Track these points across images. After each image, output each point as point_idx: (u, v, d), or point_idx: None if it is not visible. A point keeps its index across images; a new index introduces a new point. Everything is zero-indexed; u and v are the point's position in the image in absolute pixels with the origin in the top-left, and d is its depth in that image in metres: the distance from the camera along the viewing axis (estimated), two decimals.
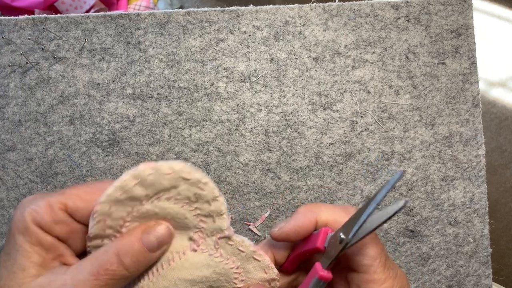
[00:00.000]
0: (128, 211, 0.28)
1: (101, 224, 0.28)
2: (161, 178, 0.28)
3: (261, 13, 0.39)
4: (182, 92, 0.38)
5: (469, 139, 0.39)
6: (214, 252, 0.29)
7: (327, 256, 0.27)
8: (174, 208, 0.29)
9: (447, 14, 0.39)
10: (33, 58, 0.38)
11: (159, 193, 0.28)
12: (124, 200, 0.28)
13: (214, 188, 0.29)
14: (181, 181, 0.28)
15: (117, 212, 0.28)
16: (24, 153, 0.37)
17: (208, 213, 0.29)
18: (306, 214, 0.29)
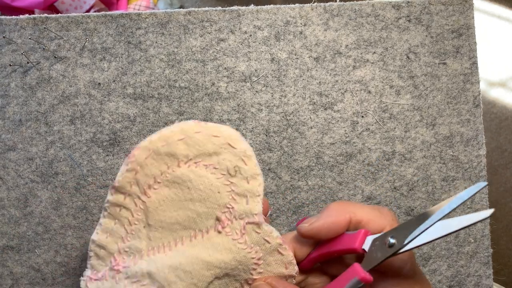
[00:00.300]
0: (163, 170, 0.27)
1: (131, 174, 0.27)
2: (207, 140, 0.27)
3: (262, 13, 0.39)
4: (183, 92, 0.38)
5: (470, 139, 0.39)
6: (238, 237, 0.28)
7: (368, 259, 0.25)
8: (210, 178, 0.27)
9: (448, 14, 0.39)
10: (34, 57, 0.38)
11: (200, 157, 0.27)
12: (163, 155, 0.27)
13: (256, 165, 0.27)
14: (225, 149, 0.27)
15: (151, 167, 0.27)
16: (25, 152, 0.37)
17: (244, 192, 0.28)
18: (340, 211, 0.27)
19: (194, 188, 0.28)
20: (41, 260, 0.37)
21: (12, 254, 0.37)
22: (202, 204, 0.28)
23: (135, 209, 0.29)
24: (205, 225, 0.28)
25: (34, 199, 0.37)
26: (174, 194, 0.28)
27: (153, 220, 0.28)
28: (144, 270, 0.28)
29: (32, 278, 0.37)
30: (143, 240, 0.29)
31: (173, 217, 0.28)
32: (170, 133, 0.27)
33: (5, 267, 0.37)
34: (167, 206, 0.28)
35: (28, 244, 0.37)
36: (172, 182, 0.28)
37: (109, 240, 0.29)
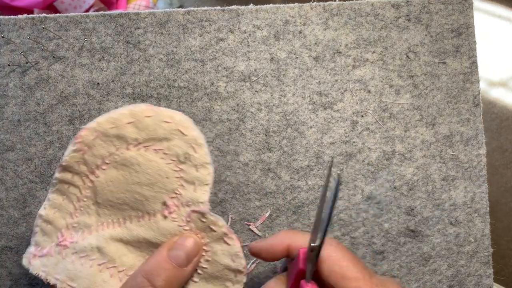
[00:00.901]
0: (111, 151, 0.27)
1: (79, 155, 0.27)
2: (158, 125, 0.26)
3: (261, 12, 0.39)
4: (182, 92, 0.38)
5: (470, 139, 0.39)
6: (184, 224, 0.28)
7: (308, 271, 0.27)
8: (159, 163, 0.27)
9: (447, 14, 0.39)
10: (33, 57, 0.38)
11: (149, 142, 0.27)
12: (112, 137, 0.27)
13: (207, 154, 0.27)
14: (176, 135, 0.27)
15: (99, 148, 0.27)
16: (24, 153, 0.37)
17: (192, 179, 0.28)
18: (281, 237, 0.29)
19: (143, 171, 0.27)
20: None
21: (11, 255, 0.37)
22: (150, 188, 0.28)
23: (83, 187, 0.28)
24: (152, 208, 0.28)
25: (33, 199, 0.37)
26: (122, 176, 0.28)
27: (101, 199, 0.28)
28: (94, 244, 0.28)
29: (31, 279, 0.37)
30: (92, 216, 0.29)
31: (121, 198, 0.28)
32: (119, 115, 0.26)
33: (4, 268, 0.37)
34: (115, 187, 0.28)
35: (27, 245, 0.37)
36: (121, 164, 0.27)
37: (57, 216, 0.29)
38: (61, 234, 0.29)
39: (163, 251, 0.27)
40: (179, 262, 0.26)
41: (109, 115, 0.26)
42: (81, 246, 0.28)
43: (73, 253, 0.28)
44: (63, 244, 0.28)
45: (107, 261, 0.28)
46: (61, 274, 0.28)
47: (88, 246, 0.28)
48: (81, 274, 0.28)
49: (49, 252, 0.29)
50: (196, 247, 0.27)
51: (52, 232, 0.29)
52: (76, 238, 0.29)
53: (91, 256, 0.28)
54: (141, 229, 0.28)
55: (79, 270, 0.28)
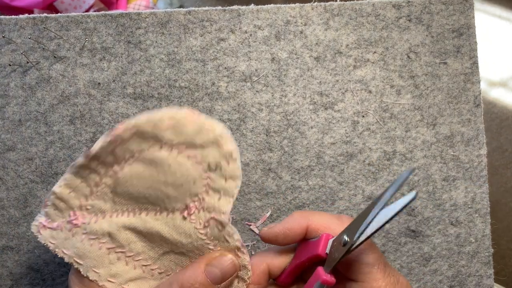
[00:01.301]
0: (143, 148, 0.27)
1: (110, 146, 0.27)
2: (196, 133, 0.27)
3: (262, 13, 0.39)
4: (183, 92, 0.38)
5: (470, 139, 0.39)
6: (201, 228, 0.28)
7: (329, 261, 0.26)
8: (188, 168, 0.27)
9: (448, 14, 0.39)
10: (34, 57, 0.38)
11: (184, 146, 0.27)
12: (148, 136, 0.27)
13: (239, 168, 0.28)
14: (213, 146, 0.27)
15: (132, 144, 0.27)
16: (25, 152, 0.37)
17: (219, 188, 0.28)
18: (297, 218, 0.28)
19: (171, 173, 0.27)
20: (40, 260, 0.37)
21: (12, 255, 0.37)
22: (174, 189, 0.28)
23: (104, 175, 0.28)
24: (172, 206, 0.29)
25: (34, 199, 0.37)
26: (148, 173, 0.28)
27: (121, 189, 0.28)
28: (105, 229, 0.28)
29: (32, 278, 0.37)
30: (108, 202, 0.29)
31: (142, 192, 0.28)
32: (160, 118, 0.26)
33: (4, 268, 0.37)
34: (138, 181, 0.28)
35: (27, 245, 0.37)
36: (150, 161, 0.27)
37: (71, 196, 0.29)
38: (74, 213, 0.29)
39: (201, 264, 0.27)
40: (214, 279, 0.27)
41: (151, 115, 0.27)
42: (92, 228, 0.29)
43: (83, 233, 0.29)
44: (74, 223, 0.29)
45: (116, 247, 0.29)
46: (69, 250, 0.29)
47: (100, 230, 0.29)
48: (89, 254, 0.28)
49: (60, 226, 0.29)
50: (233, 268, 0.28)
51: (65, 209, 0.29)
52: (88, 220, 0.29)
53: (101, 240, 0.29)
54: (156, 223, 0.29)
55: (88, 250, 0.28)
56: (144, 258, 0.29)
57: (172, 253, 0.29)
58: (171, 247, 0.29)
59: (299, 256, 0.29)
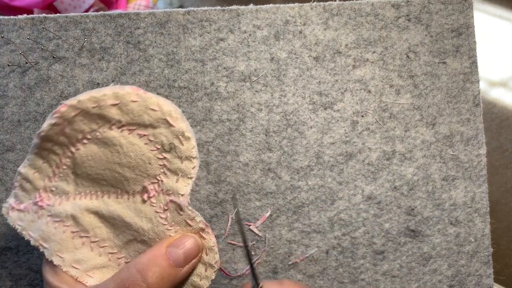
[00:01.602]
0: (93, 128, 0.26)
1: (58, 128, 0.26)
2: (144, 112, 0.26)
3: (261, 12, 0.39)
4: (182, 92, 0.38)
5: (470, 139, 0.39)
6: (161, 212, 0.28)
7: None
8: (142, 148, 0.27)
9: (447, 14, 0.39)
10: (32, 57, 0.38)
11: (134, 126, 0.26)
12: (94, 115, 0.26)
13: (194, 148, 0.27)
14: (163, 124, 0.26)
15: (80, 124, 0.26)
16: (24, 153, 0.37)
17: (176, 169, 0.27)
18: None
19: (124, 153, 0.27)
20: (40, 261, 0.37)
21: (11, 255, 0.37)
22: (130, 170, 0.27)
23: (63, 155, 0.28)
24: (131, 188, 0.28)
25: None
26: (103, 154, 0.27)
27: (80, 171, 0.28)
28: (69, 212, 0.28)
29: (31, 279, 0.37)
30: (70, 184, 0.29)
31: (100, 174, 0.28)
32: (102, 96, 0.26)
33: (4, 269, 0.37)
34: (94, 162, 0.27)
35: (27, 246, 0.37)
36: (102, 142, 0.27)
37: (36, 176, 0.28)
38: (39, 194, 0.29)
39: (161, 246, 0.26)
40: (176, 261, 0.26)
41: (91, 93, 0.26)
42: (56, 210, 0.28)
43: (48, 215, 0.28)
44: (40, 205, 0.29)
45: (80, 230, 0.28)
46: (35, 233, 0.28)
47: (64, 213, 0.28)
48: (54, 238, 0.28)
49: (27, 208, 0.29)
50: (196, 248, 0.27)
51: (31, 191, 0.29)
52: (52, 202, 0.29)
53: (66, 223, 0.28)
54: (118, 206, 0.28)
55: (52, 233, 0.28)
56: (110, 245, 0.29)
57: (135, 241, 0.29)
58: (133, 235, 0.28)
59: None
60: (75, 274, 0.28)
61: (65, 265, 0.28)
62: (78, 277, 0.28)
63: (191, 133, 0.27)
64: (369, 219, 0.38)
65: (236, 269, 0.37)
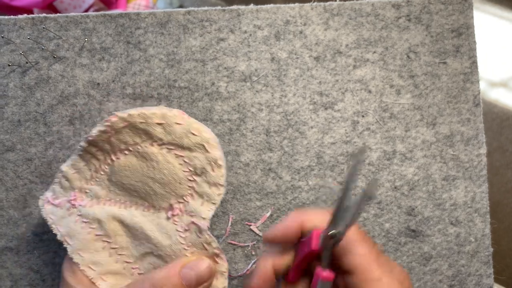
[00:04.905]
0: (136, 141, 0.29)
1: (105, 135, 0.28)
2: (185, 135, 0.28)
3: (262, 12, 0.39)
4: (182, 92, 0.38)
5: (470, 139, 0.39)
6: (181, 231, 0.29)
7: (324, 257, 0.26)
8: (176, 167, 0.28)
9: (448, 14, 0.39)
10: (33, 57, 0.38)
11: (173, 146, 0.28)
12: (140, 130, 0.28)
13: (223, 176, 0.29)
14: (200, 149, 0.28)
15: (126, 135, 0.29)
16: (24, 153, 0.37)
17: (202, 193, 0.29)
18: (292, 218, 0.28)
19: (159, 170, 0.29)
20: (40, 261, 0.37)
21: (11, 255, 0.37)
22: (161, 186, 0.29)
23: (103, 162, 0.30)
24: (159, 204, 0.30)
25: (33, 200, 0.37)
26: (139, 166, 0.29)
27: (116, 178, 0.30)
28: (96, 215, 0.30)
29: (31, 279, 0.37)
30: (104, 189, 0.30)
31: (133, 184, 0.30)
32: (151, 114, 0.28)
33: (4, 269, 0.37)
34: (130, 173, 0.29)
35: (27, 246, 0.37)
36: (142, 155, 0.29)
37: (75, 176, 0.31)
38: (74, 193, 0.31)
39: (177, 266, 0.27)
40: (188, 282, 0.27)
41: (142, 110, 0.28)
42: (86, 211, 0.30)
43: (78, 215, 0.30)
44: (72, 203, 0.31)
45: (103, 235, 0.30)
46: (63, 228, 0.30)
47: (92, 215, 0.30)
48: (78, 236, 0.30)
49: (61, 204, 0.31)
50: (209, 273, 0.28)
51: (68, 189, 0.31)
52: (84, 203, 0.31)
53: (92, 225, 0.30)
54: (143, 219, 0.30)
55: (78, 232, 0.30)
56: (127, 254, 0.30)
57: (152, 255, 0.30)
58: (151, 248, 0.30)
59: (298, 254, 0.29)
60: (90, 274, 0.29)
61: (83, 264, 0.29)
62: (93, 278, 0.29)
63: (223, 163, 0.29)
64: (370, 219, 0.38)
65: (236, 269, 0.37)
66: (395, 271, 0.27)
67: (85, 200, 0.30)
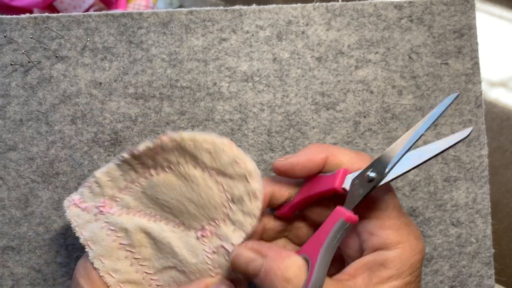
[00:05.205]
0: (180, 161, 0.29)
1: (152, 152, 0.29)
2: (230, 164, 0.28)
3: (264, 13, 0.39)
4: (184, 92, 0.38)
5: (472, 140, 0.39)
6: (209, 252, 0.29)
7: (351, 199, 0.25)
8: (214, 192, 0.29)
9: (450, 15, 0.39)
10: (35, 57, 0.38)
11: (216, 172, 0.29)
12: (187, 152, 0.29)
13: (258, 209, 0.28)
14: (241, 179, 0.28)
15: (171, 155, 0.29)
16: (26, 152, 0.37)
17: (235, 220, 0.29)
18: (317, 149, 0.27)
19: (197, 192, 0.29)
20: (42, 260, 0.37)
21: (13, 255, 0.37)
22: (196, 208, 0.29)
23: (142, 175, 0.30)
24: (190, 223, 0.30)
25: (35, 199, 0.37)
26: (178, 186, 0.29)
27: (150, 192, 0.30)
28: (124, 224, 0.30)
29: (33, 278, 0.37)
30: (136, 201, 0.31)
31: (168, 201, 0.30)
32: (202, 140, 0.28)
33: (5, 268, 0.37)
34: (167, 190, 0.30)
35: (28, 245, 0.37)
36: (182, 176, 0.29)
37: (108, 184, 0.31)
38: (104, 200, 0.31)
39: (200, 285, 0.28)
40: None
41: (194, 135, 0.28)
42: (114, 220, 0.30)
43: (105, 222, 0.30)
44: (101, 210, 0.31)
45: (128, 244, 0.30)
46: (87, 233, 0.30)
47: (119, 224, 0.30)
48: (102, 243, 0.30)
49: (87, 208, 0.31)
50: None
51: (98, 195, 0.31)
52: (113, 211, 0.31)
53: (118, 233, 0.30)
54: (171, 234, 0.30)
55: (103, 238, 0.30)
56: (148, 266, 0.30)
57: (175, 270, 0.30)
58: (175, 263, 0.30)
59: (309, 189, 0.27)
60: (110, 281, 0.29)
61: (103, 271, 0.29)
62: (111, 285, 0.29)
63: (261, 196, 0.29)
64: None
65: None
66: (413, 224, 0.26)
67: (115, 208, 0.31)
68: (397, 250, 0.24)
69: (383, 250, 0.25)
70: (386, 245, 0.25)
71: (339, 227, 0.24)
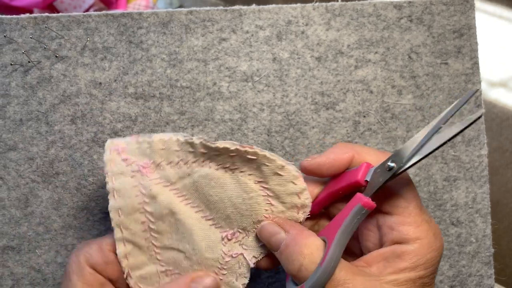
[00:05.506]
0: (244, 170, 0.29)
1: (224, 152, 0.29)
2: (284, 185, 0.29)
3: (263, 13, 0.39)
4: (184, 92, 0.38)
5: (471, 139, 0.39)
6: (227, 256, 0.30)
7: (370, 188, 0.26)
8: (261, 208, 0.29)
9: (449, 14, 0.39)
10: (35, 57, 0.38)
11: (270, 190, 0.29)
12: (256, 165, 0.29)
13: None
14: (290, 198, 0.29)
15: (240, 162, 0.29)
16: (26, 152, 0.37)
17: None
18: (344, 149, 0.28)
19: (244, 200, 0.29)
20: (41, 260, 0.37)
21: (13, 255, 0.37)
22: (234, 213, 0.30)
23: (199, 162, 0.30)
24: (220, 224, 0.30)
25: (35, 199, 0.37)
26: (229, 188, 0.30)
27: (197, 179, 0.30)
28: (156, 194, 0.30)
29: (32, 278, 0.37)
30: (179, 180, 0.30)
31: (211, 195, 0.30)
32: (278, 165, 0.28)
33: (5, 268, 0.37)
34: (216, 185, 0.29)
35: (28, 245, 0.37)
36: (236, 180, 0.29)
37: (161, 153, 0.30)
38: (148, 163, 0.30)
39: (186, 279, 0.29)
40: None
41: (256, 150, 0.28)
42: (149, 185, 0.30)
43: (140, 183, 0.30)
44: (141, 170, 0.30)
45: (150, 212, 0.30)
46: (117, 183, 0.29)
47: (153, 191, 0.30)
48: (128, 200, 0.29)
49: (128, 161, 0.30)
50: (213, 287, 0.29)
51: (143, 156, 0.30)
52: (153, 177, 0.30)
53: (146, 198, 0.30)
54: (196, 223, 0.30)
55: (129, 196, 0.29)
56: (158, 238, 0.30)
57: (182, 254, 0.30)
58: (186, 249, 0.30)
59: (334, 185, 0.28)
60: (117, 236, 0.29)
61: (116, 223, 0.29)
62: (117, 240, 0.29)
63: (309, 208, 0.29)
64: None
65: None
66: (433, 221, 0.27)
67: (155, 175, 0.30)
68: (415, 245, 0.25)
69: (401, 244, 0.26)
70: (405, 240, 0.25)
71: (356, 212, 0.26)
